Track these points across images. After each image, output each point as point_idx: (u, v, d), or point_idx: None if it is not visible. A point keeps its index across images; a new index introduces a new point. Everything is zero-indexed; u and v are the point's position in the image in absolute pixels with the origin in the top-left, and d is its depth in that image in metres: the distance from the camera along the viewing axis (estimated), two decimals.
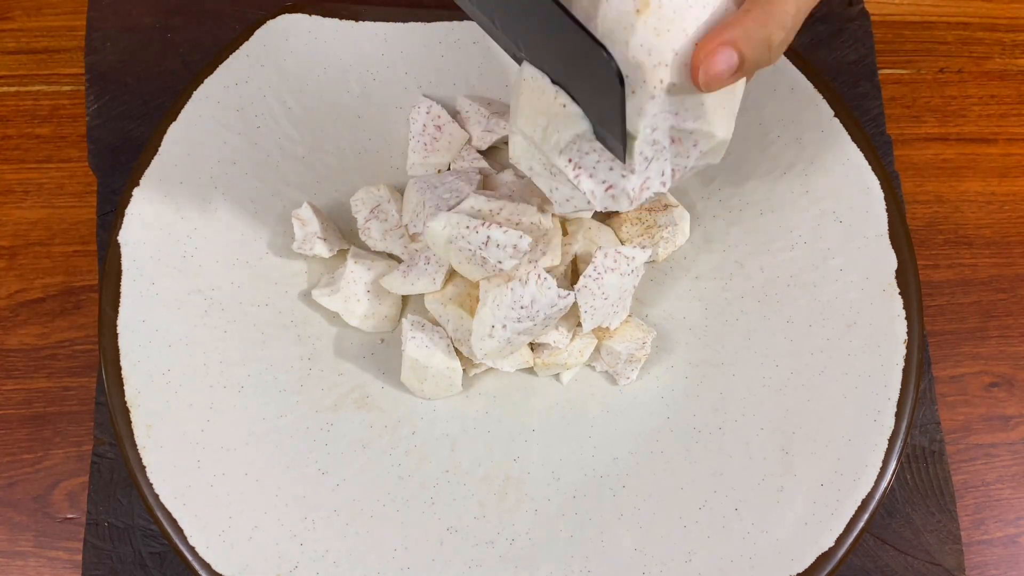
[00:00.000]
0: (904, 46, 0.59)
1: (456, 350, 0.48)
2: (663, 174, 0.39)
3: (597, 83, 0.34)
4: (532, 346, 0.49)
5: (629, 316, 0.50)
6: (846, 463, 0.45)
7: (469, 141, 0.53)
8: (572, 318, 0.48)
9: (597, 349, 0.49)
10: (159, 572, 0.47)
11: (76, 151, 0.55)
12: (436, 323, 0.49)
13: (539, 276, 0.44)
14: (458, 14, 0.53)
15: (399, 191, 0.52)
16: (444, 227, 0.44)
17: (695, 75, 0.34)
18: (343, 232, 0.52)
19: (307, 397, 0.48)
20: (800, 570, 0.43)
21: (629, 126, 0.36)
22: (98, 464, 0.49)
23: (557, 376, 0.50)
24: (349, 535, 0.45)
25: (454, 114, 0.53)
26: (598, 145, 0.38)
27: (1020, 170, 0.57)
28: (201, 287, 0.48)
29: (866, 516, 0.44)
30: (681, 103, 0.36)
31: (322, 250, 0.49)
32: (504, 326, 0.44)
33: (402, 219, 0.51)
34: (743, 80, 0.37)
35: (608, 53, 0.31)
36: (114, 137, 0.54)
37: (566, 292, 0.44)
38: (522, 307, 0.44)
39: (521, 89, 0.38)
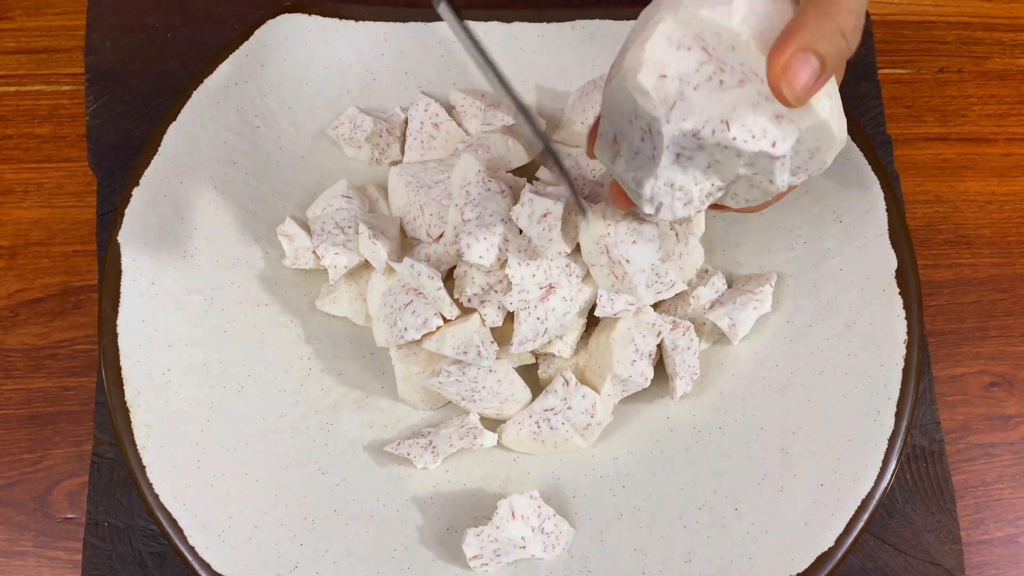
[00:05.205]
0: (904, 46, 0.59)
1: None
2: (691, 190, 0.38)
3: None
4: (536, 356, 0.49)
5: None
6: (846, 463, 0.45)
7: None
8: (575, 330, 0.48)
9: None
10: (159, 572, 0.47)
11: (76, 151, 0.55)
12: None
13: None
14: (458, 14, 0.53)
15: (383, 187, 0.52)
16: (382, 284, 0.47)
17: (778, 93, 0.33)
18: None
19: (307, 397, 0.48)
20: (800, 570, 0.43)
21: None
22: (98, 464, 0.49)
23: None
24: (349, 535, 0.45)
25: (449, 109, 0.53)
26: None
27: (1020, 170, 0.57)
28: (201, 287, 0.48)
29: (866, 516, 0.44)
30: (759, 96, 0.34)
31: (316, 263, 0.49)
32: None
33: (392, 212, 0.50)
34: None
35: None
36: (114, 137, 0.54)
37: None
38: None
39: None
